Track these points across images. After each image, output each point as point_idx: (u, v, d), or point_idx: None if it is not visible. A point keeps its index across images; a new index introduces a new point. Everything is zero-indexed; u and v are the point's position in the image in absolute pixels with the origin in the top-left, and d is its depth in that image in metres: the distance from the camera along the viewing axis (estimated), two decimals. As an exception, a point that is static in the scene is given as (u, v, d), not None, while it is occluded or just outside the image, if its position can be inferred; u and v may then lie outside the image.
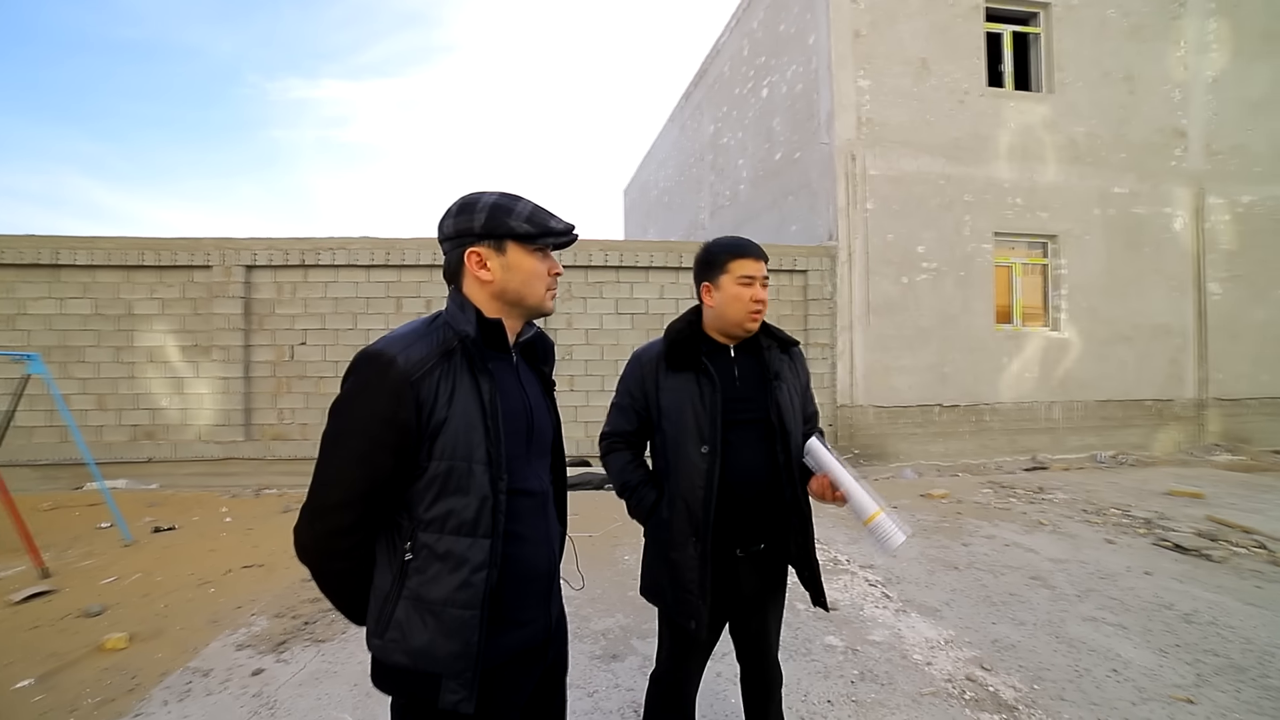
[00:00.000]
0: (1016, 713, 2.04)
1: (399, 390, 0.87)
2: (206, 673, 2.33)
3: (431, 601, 0.89)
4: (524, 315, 1.04)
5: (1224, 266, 7.52)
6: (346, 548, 0.90)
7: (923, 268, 6.77)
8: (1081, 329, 7.14)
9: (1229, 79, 7.57)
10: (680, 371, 1.39)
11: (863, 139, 6.68)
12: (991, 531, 4.10)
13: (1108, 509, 4.62)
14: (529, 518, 1.00)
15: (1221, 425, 7.49)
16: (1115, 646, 2.50)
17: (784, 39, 7.78)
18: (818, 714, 2.05)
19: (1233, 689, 2.18)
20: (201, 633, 2.67)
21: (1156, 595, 3.01)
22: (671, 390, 1.39)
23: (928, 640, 2.57)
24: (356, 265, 5.99)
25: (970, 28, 6.93)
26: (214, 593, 3.14)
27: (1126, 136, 7.30)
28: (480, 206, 0.97)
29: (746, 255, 1.38)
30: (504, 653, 0.95)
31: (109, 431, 5.74)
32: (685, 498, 1.34)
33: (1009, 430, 6.93)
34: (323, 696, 2.15)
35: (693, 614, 1.33)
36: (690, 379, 1.38)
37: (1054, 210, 7.09)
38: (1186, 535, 3.90)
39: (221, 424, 5.82)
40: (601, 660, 2.42)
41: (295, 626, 2.71)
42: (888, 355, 6.68)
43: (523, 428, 1.01)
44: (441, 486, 0.89)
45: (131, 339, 5.78)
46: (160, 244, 5.79)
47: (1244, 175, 7.59)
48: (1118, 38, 7.29)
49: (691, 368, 1.38)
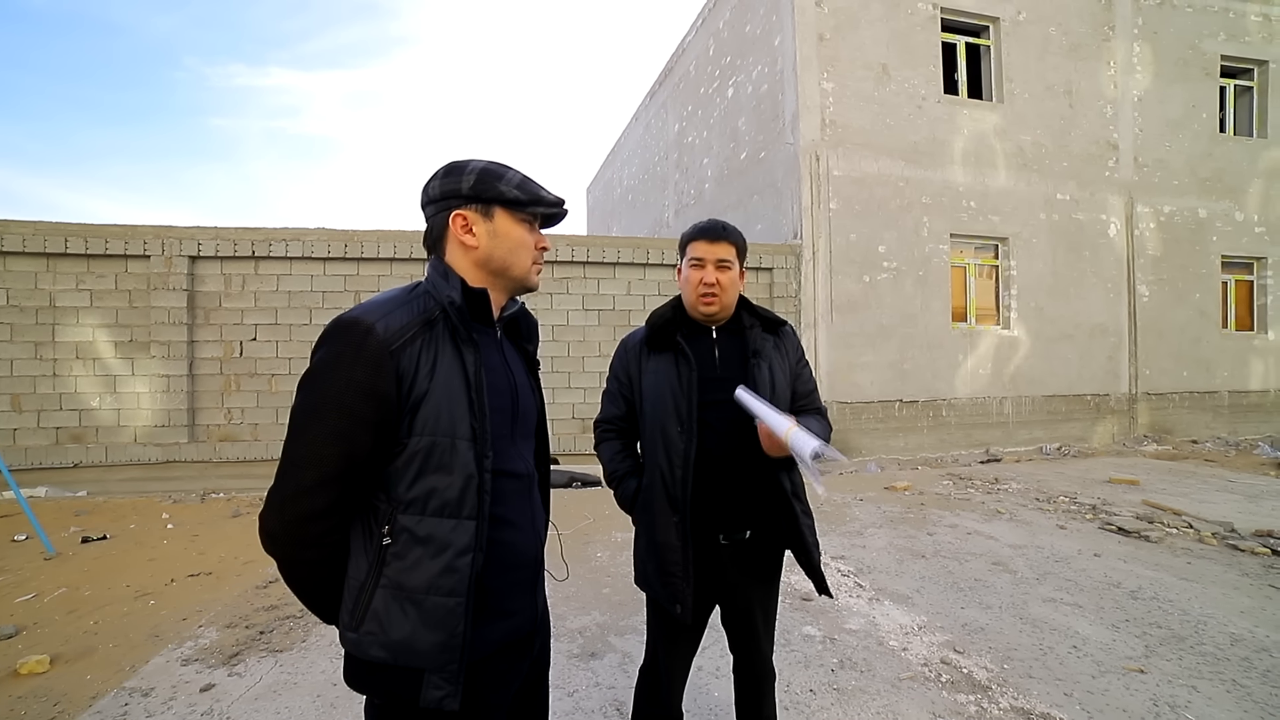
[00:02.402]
0: (990, 692, 2.10)
1: (378, 360, 0.80)
2: (147, 692, 2.13)
3: (412, 589, 0.82)
4: (508, 288, 0.99)
5: (1151, 270, 8.10)
6: (320, 533, 0.82)
7: (884, 267, 6.99)
8: (1030, 328, 7.53)
9: (1151, 98, 8.16)
10: (660, 354, 1.39)
11: (827, 140, 6.83)
12: (954, 521, 4.26)
13: (1057, 497, 4.88)
14: (514, 500, 0.94)
15: (1149, 418, 8.06)
16: (1074, 624, 2.62)
17: (750, 40, 7.89)
18: (801, 703, 2.05)
19: (1176, 657, 2.33)
20: (140, 649, 2.45)
21: (1106, 575, 3.19)
22: (652, 372, 1.39)
23: (902, 627, 2.63)
24: (312, 257, 5.69)
25: (928, 36, 7.21)
26: (154, 605, 2.89)
27: (1068, 146, 7.76)
28: (469, 170, 0.92)
29: (699, 238, 1.38)
30: (489, 645, 0.89)
31: (26, 435, 5.24)
32: (665, 479, 1.33)
33: (964, 425, 7.24)
34: (282, 710, 2.00)
35: (678, 597, 1.31)
36: (669, 360, 1.37)
37: (1005, 214, 7.46)
38: (1127, 519, 4.15)
39: (162, 425, 5.40)
40: (580, 659, 2.36)
41: (249, 637, 2.52)
42: (851, 352, 6.86)
43: (508, 405, 0.95)
44: (422, 464, 0.83)
45: (53, 333, 5.29)
46: (89, 230, 5.33)
47: (1165, 187, 8.20)
48: (1059, 54, 7.73)
49: (670, 349, 1.38)
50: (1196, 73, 8.35)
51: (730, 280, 1.37)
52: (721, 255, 1.36)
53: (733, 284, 1.38)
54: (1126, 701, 2.04)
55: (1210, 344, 8.32)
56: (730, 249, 1.38)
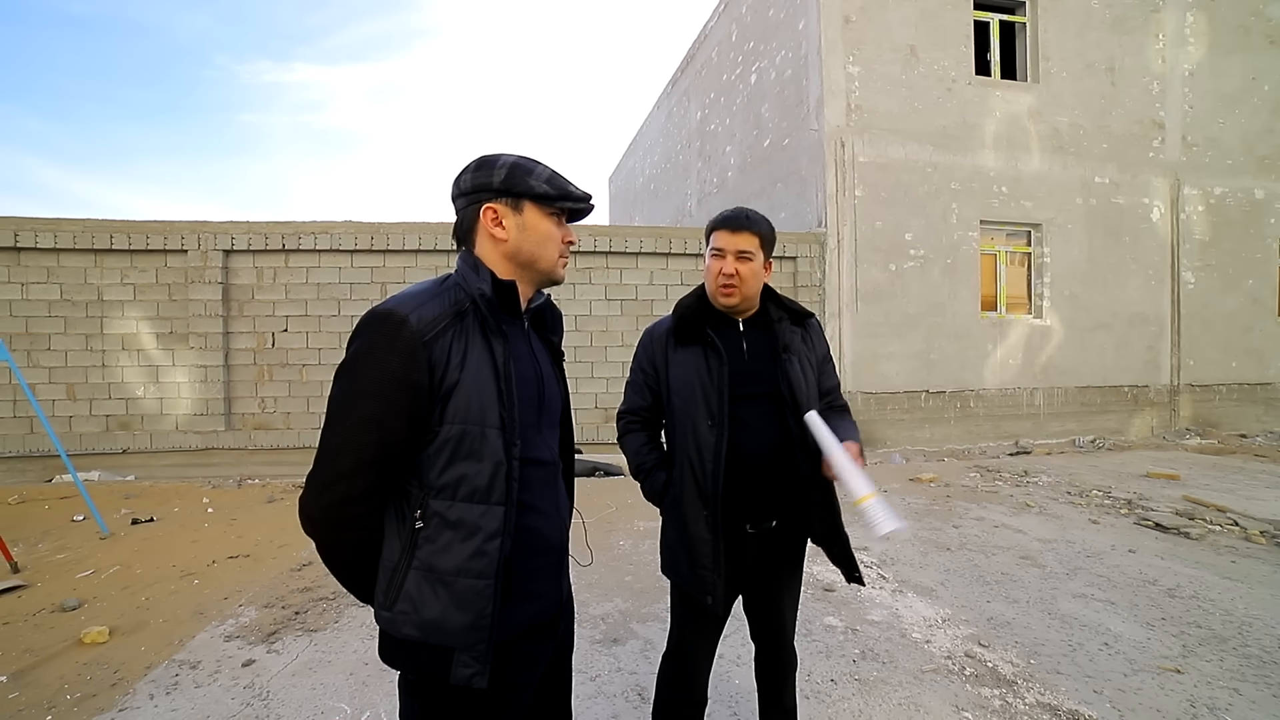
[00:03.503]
0: (1016, 686, 2.08)
1: (411, 350, 0.84)
2: (195, 665, 2.25)
3: (443, 571, 0.85)
4: (536, 280, 1.01)
5: (1198, 256, 7.72)
6: (357, 516, 0.86)
7: (910, 255, 6.83)
8: (1063, 317, 7.28)
9: (1204, 72, 7.73)
10: (688, 346, 1.38)
11: (852, 126, 6.67)
12: (980, 514, 4.18)
13: (1090, 491, 4.74)
14: (541, 487, 0.97)
15: (1192, 410, 7.73)
16: (1105, 621, 2.56)
17: (773, 24, 7.72)
18: (822, 693, 2.05)
19: (1216, 658, 2.25)
20: (187, 625, 2.59)
21: (1141, 572, 3.09)
22: (680, 365, 1.38)
23: (925, 619, 2.60)
24: (340, 250, 5.83)
25: (959, 15, 6.95)
26: (198, 584, 3.04)
27: (1108, 127, 7.42)
28: (500, 164, 0.95)
29: (721, 227, 1.36)
30: (516, 626, 0.92)
31: (80, 422, 5.52)
32: (695, 472, 1.33)
33: (993, 416, 7.06)
34: (318, 686, 2.09)
35: (708, 589, 1.32)
36: (698, 353, 1.36)
37: (1038, 199, 7.19)
38: (1166, 515, 4.01)
39: (201, 413, 5.64)
40: (603, 644, 2.40)
41: (286, 616, 2.63)
42: (876, 342, 6.73)
43: (534, 394, 0.98)
44: (453, 451, 0.86)
45: (102, 326, 5.55)
46: (131, 227, 5.56)
47: (1217, 167, 7.79)
48: (1101, 29, 7.38)
49: (699, 342, 1.36)
50: (1259, 41, 7.86)
51: (751, 272, 1.34)
52: (742, 246, 1.33)
53: (754, 275, 1.35)
54: (1161, 701, 1.99)
55: (1264, 333, 7.91)
56: (753, 239, 1.34)
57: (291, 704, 2.00)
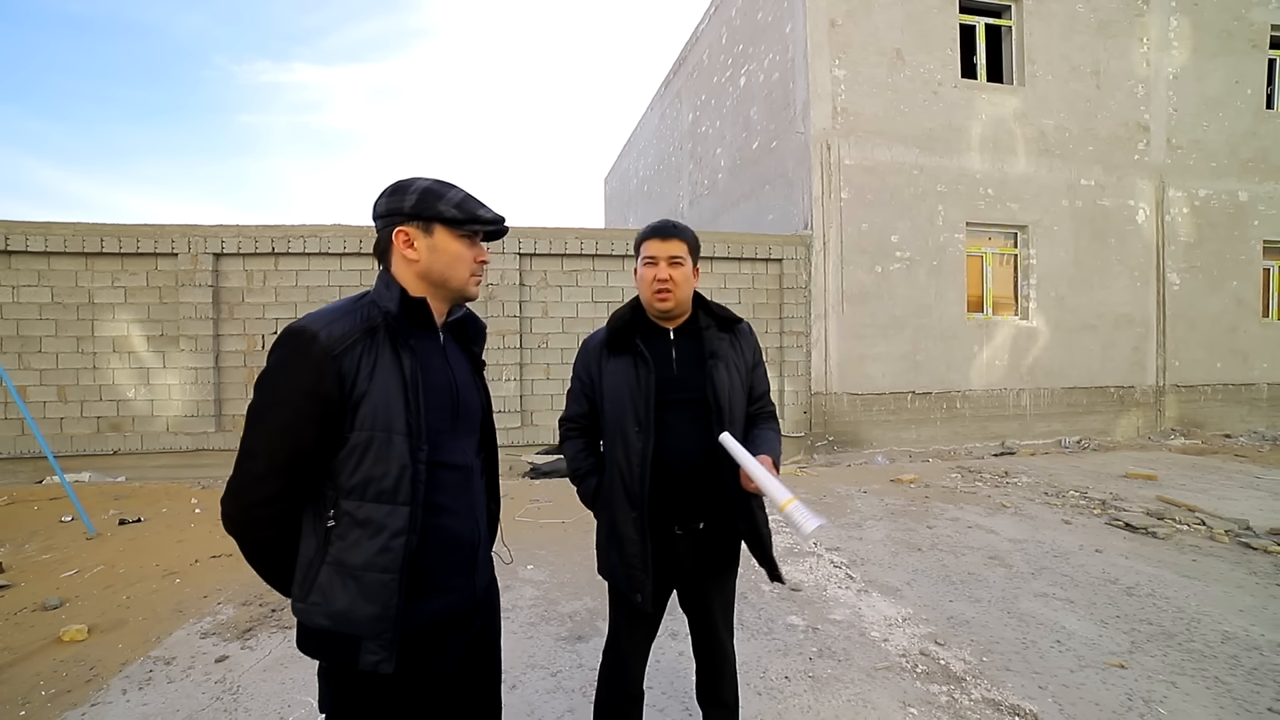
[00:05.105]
0: (964, 683, 2.14)
1: (320, 364, 0.90)
2: (169, 661, 2.32)
3: (352, 566, 0.92)
4: (448, 297, 1.08)
5: (1183, 258, 7.77)
6: (270, 516, 0.93)
7: (896, 257, 6.88)
8: (1049, 318, 7.33)
9: (1188, 75, 7.78)
10: (620, 355, 1.44)
11: (838, 128, 6.73)
12: (956, 514, 4.24)
13: (1067, 491, 4.80)
14: (453, 489, 1.03)
15: (1178, 411, 7.79)
16: (1061, 619, 2.62)
17: (761, 27, 7.78)
18: (775, 689, 2.11)
19: (1161, 653, 2.32)
20: (165, 622, 2.65)
21: (1104, 571, 3.15)
22: (611, 374, 1.44)
23: (886, 618, 2.66)
24: (329, 253, 5.89)
25: (944, 19, 7.00)
26: (180, 583, 3.11)
27: (1093, 130, 7.47)
28: (412, 189, 1.01)
29: (652, 237, 1.43)
30: (425, 618, 0.98)
31: (71, 424, 5.59)
32: (623, 476, 1.39)
33: (979, 417, 7.12)
34: (287, 681, 2.15)
35: (638, 587, 1.38)
36: (628, 362, 1.42)
37: (1024, 201, 7.24)
38: (1137, 515, 4.07)
39: (191, 415, 5.70)
40: (567, 641, 2.46)
41: (262, 614, 2.70)
42: (862, 343, 6.79)
43: (447, 403, 1.04)
44: (362, 456, 0.92)
45: (93, 328, 5.62)
46: (122, 230, 5.62)
47: (1201, 170, 7.83)
48: (1086, 33, 7.42)
49: (630, 351, 1.42)
50: (1242, 45, 7.91)
51: (684, 276, 1.41)
52: (674, 252, 1.41)
53: (686, 280, 1.42)
54: (1101, 695, 2.05)
55: (1249, 334, 7.96)
56: (682, 246, 1.42)
57: (260, 698, 2.06)
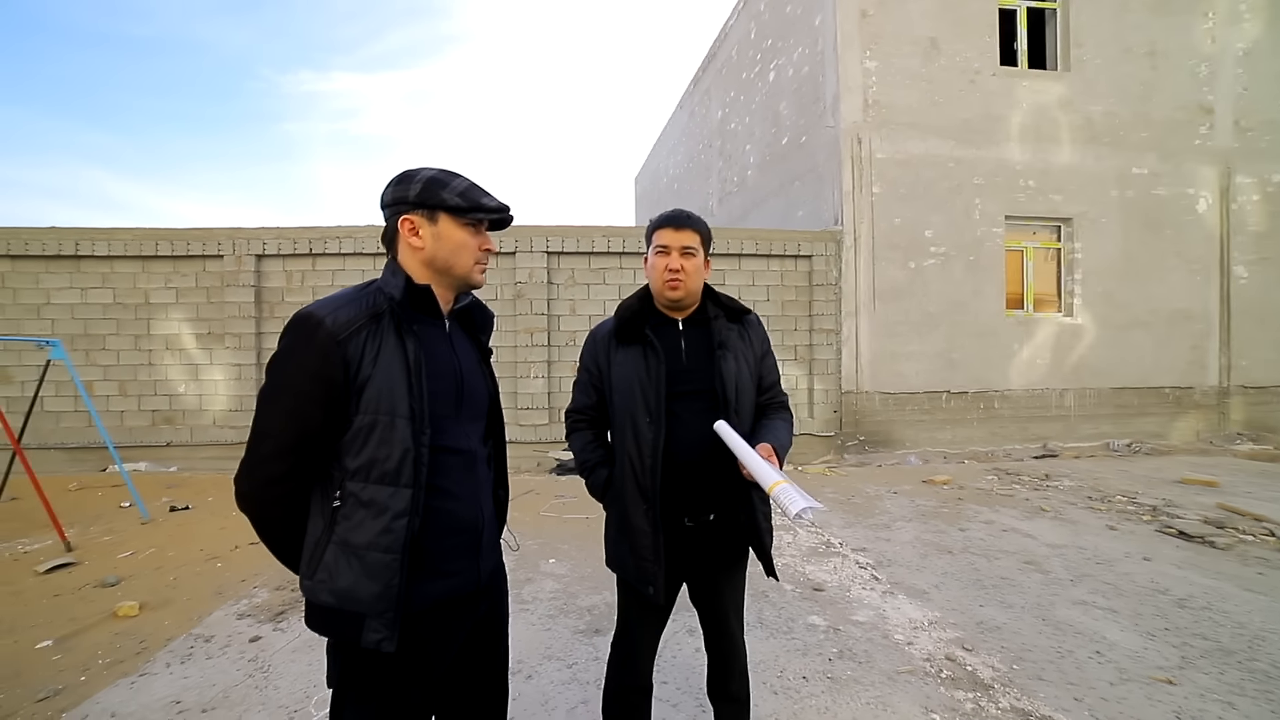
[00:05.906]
0: (992, 691, 2.05)
1: (326, 349, 0.93)
2: (208, 639, 2.44)
3: (356, 546, 0.94)
4: (453, 285, 1.10)
5: (1252, 249, 7.24)
6: (279, 495, 0.97)
7: (931, 252, 6.65)
8: (1096, 314, 6.95)
9: (1262, 50, 7.23)
10: (629, 346, 1.43)
11: (869, 121, 6.55)
12: (990, 517, 4.06)
13: (1114, 496, 4.54)
14: (456, 474, 1.05)
15: (1245, 413, 7.26)
16: (1102, 629, 2.48)
17: (790, 20, 7.64)
18: (791, 689, 2.07)
19: (1216, 671, 2.16)
20: (207, 603, 2.80)
21: (1152, 580, 2.97)
22: (621, 364, 1.43)
23: (911, 621, 2.57)
24: (363, 253, 6.09)
25: (983, 5, 6.72)
26: (221, 567, 3.27)
27: (1148, 115, 7.04)
28: (418, 178, 1.03)
29: (664, 226, 1.41)
30: (428, 599, 1.00)
31: (130, 416, 5.96)
32: (634, 468, 1.38)
33: (1019, 418, 6.81)
34: (314, 663, 2.24)
35: (649, 579, 1.37)
36: (638, 353, 1.41)
37: (1069, 193, 6.89)
38: (1193, 522, 3.81)
39: (236, 409, 5.99)
40: (584, 634, 2.48)
41: (294, 598, 2.81)
42: (894, 341, 6.59)
43: (450, 389, 1.06)
44: (366, 438, 0.95)
45: (149, 327, 5.97)
46: (175, 234, 5.96)
47: (1275, 153, 7.28)
48: (1141, 11, 7.00)
49: (639, 341, 1.42)
50: (1323, 17, 7.31)
51: (695, 267, 1.40)
52: (686, 243, 1.39)
53: (697, 270, 1.41)
54: (1145, 711, 1.93)
55: (1324, 331, 7.35)
56: (694, 236, 1.41)
57: (289, 677, 2.15)
